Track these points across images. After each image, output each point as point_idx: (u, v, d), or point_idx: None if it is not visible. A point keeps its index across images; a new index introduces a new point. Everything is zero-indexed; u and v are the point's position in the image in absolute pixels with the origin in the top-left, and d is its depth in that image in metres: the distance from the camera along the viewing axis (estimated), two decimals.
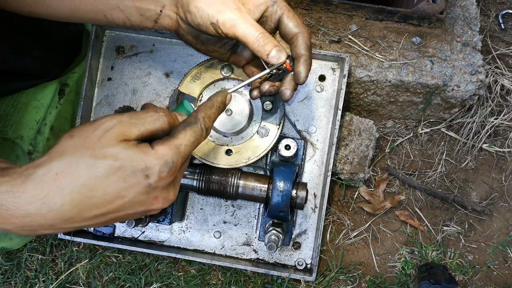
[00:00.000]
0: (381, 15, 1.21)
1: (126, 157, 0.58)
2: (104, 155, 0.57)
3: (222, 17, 0.74)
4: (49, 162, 0.57)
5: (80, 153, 0.57)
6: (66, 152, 0.57)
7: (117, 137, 0.58)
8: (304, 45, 0.79)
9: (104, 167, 0.57)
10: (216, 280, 1.23)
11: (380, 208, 1.27)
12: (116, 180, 0.57)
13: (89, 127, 0.59)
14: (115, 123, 0.59)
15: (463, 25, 1.23)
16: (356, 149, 1.22)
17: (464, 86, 1.17)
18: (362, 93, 1.23)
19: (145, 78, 1.16)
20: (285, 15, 0.78)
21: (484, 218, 1.28)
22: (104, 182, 0.57)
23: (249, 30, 0.74)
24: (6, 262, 1.23)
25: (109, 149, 0.57)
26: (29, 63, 1.07)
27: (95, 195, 0.57)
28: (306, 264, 1.14)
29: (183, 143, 0.63)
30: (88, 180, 0.56)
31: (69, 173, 0.56)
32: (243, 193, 1.01)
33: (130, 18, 0.81)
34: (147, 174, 0.59)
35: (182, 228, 1.16)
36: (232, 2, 0.75)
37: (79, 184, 0.56)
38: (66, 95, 1.18)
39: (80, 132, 0.59)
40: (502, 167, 1.32)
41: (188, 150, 0.64)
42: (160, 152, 0.60)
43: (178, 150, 0.62)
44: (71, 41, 1.19)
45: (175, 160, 0.61)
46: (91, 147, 0.57)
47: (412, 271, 1.23)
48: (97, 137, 0.58)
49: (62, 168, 0.56)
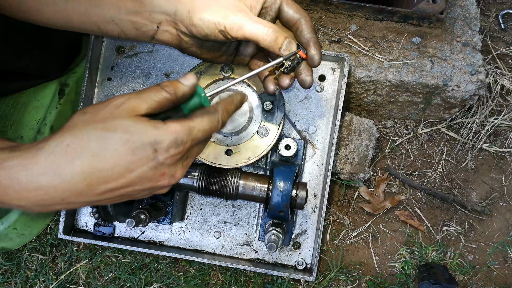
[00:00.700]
0: (381, 15, 1.21)
1: (136, 130, 0.59)
2: (115, 127, 0.59)
3: (229, 22, 0.74)
4: (60, 135, 0.58)
5: (92, 127, 0.59)
6: (77, 125, 0.60)
7: (128, 112, 0.60)
8: (309, 28, 0.79)
9: (114, 139, 0.58)
10: (216, 280, 1.23)
11: (380, 208, 1.27)
12: (125, 153, 0.58)
13: (101, 105, 0.61)
14: (125, 100, 0.61)
15: (463, 25, 1.23)
16: (356, 149, 1.22)
17: (464, 86, 1.17)
18: (362, 93, 1.23)
19: (145, 78, 1.16)
20: (284, 2, 0.79)
21: (484, 218, 1.28)
22: (113, 154, 0.58)
23: (257, 28, 0.74)
24: (6, 262, 1.23)
25: (120, 122, 0.59)
26: (29, 63, 1.07)
27: (105, 167, 0.58)
28: (306, 264, 1.14)
29: (196, 126, 0.64)
30: (99, 151, 0.58)
31: (80, 145, 0.57)
32: (243, 193, 1.01)
33: (125, 31, 0.80)
34: (155, 148, 0.59)
35: (182, 228, 1.16)
36: (233, 5, 0.75)
37: (89, 155, 0.57)
38: (66, 95, 1.18)
39: (92, 109, 0.61)
40: (502, 167, 1.32)
41: (200, 136, 0.64)
42: (171, 128, 0.61)
43: (190, 131, 0.63)
44: (71, 41, 1.19)
45: (185, 140, 0.62)
46: (102, 121, 0.59)
47: (412, 271, 1.23)
48: (109, 113, 0.60)
49: (74, 140, 0.58)
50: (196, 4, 0.74)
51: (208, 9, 0.74)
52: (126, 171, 0.59)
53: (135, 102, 0.61)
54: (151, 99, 0.62)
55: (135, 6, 0.77)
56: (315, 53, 0.80)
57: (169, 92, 0.64)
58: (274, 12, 0.80)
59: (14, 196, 0.58)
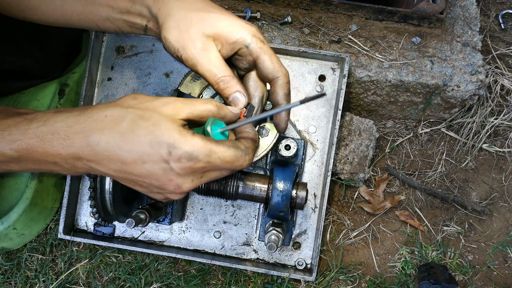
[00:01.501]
0: (381, 15, 1.21)
1: (164, 127, 0.62)
2: (148, 118, 0.63)
3: (185, 54, 0.72)
4: (106, 106, 0.64)
5: (132, 110, 0.64)
6: (122, 104, 0.65)
7: (170, 110, 0.64)
8: (282, 92, 0.76)
9: (143, 127, 0.62)
10: (216, 280, 1.23)
11: (380, 208, 1.27)
12: (145, 142, 0.62)
13: (151, 97, 0.67)
14: (172, 100, 0.66)
15: (463, 25, 1.23)
16: (356, 149, 1.22)
17: (464, 86, 1.17)
18: (362, 93, 1.23)
19: (145, 78, 1.16)
20: (260, 58, 0.74)
21: (484, 218, 1.28)
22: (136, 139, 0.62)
23: (209, 72, 0.72)
24: (6, 262, 1.23)
25: (156, 116, 0.63)
26: (29, 63, 1.07)
27: (124, 148, 0.63)
28: (306, 264, 1.14)
29: (218, 152, 0.65)
30: (126, 132, 0.62)
31: (116, 120, 0.63)
32: (243, 193, 1.01)
33: (121, 28, 0.82)
34: (170, 151, 0.62)
35: (182, 228, 1.16)
36: (198, 39, 0.72)
37: (117, 132, 0.62)
38: (66, 95, 1.18)
39: (143, 98, 0.66)
40: (502, 167, 1.32)
41: (218, 163, 0.66)
42: (193, 141, 0.63)
43: (209, 153, 0.64)
44: (71, 41, 1.19)
45: (200, 157, 0.63)
46: (143, 109, 0.64)
47: (412, 271, 1.23)
48: (153, 106, 0.65)
49: (112, 114, 0.63)
50: (168, 21, 0.73)
51: (174, 32, 0.72)
52: (139, 160, 0.63)
53: (180, 104, 0.65)
54: (195, 106, 0.66)
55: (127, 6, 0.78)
56: (280, 123, 0.79)
57: (214, 106, 0.68)
58: (248, 63, 0.76)
59: (52, 151, 0.64)
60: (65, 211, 1.11)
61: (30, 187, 1.10)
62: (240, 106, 0.75)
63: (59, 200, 1.21)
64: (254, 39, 0.73)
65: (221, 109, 0.70)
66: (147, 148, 0.62)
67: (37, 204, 1.13)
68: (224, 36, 0.73)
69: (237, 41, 0.73)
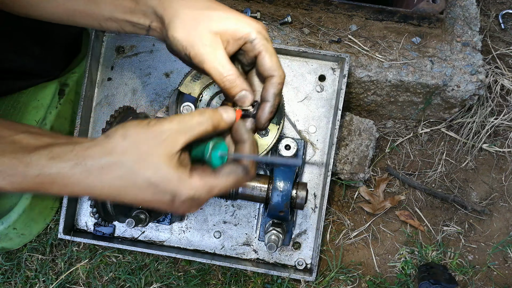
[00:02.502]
0: (381, 15, 1.21)
1: (162, 176, 0.63)
2: (146, 167, 0.63)
3: (193, 51, 0.73)
4: (99, 156, 0.64)
5: (127, 158, 0.64)
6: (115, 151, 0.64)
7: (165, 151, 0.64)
8: (272, 90, 0.76)
9: (141, 179, 0.63)
10: (216, 280, 1.23)
11: (380, 208, 1.27)
12: (146, 192, 0.64)
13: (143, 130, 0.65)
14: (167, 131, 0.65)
15: (463, 25, 1.23)
16: (356, 149, 1.22)
17: (464, 86, 1.17)
18: (362, 93, 1.23)
19: (145, 78, 1.16)
20: (261, 54, 0.75)
21: (484, 218, 1.28)
22: (136, 190, 0.64)
23: (216, 70, 0.73)
24: (6, 262, 1.23)
25: (152, 163, 0.63)
26: (29, 62, 1.07)
27: (126, 197, 0.65)
28: (306, 264, 1.14)
29: (219, 185, 0.66)
30: (125, 183, 0.64)
31: (112, 171, 0.63)
32: (243, 193, 1.01)
33: (123, 28, 0.82)
34: (173, 199, 0.65)
35: (182, 228, 1.16)
36: (205, 36, 0.73)
37: (117, 184, 0.64)
38: (66, 95, 1.18)
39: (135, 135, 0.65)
40: (502, 167, 1.32)
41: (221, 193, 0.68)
42: (192, 184, 0.64)
43: (211, 190, 0.66)
44: (71, 41, 1.19)
45: (202, 197, 0.66)
46: (139, 154, 0.64)
47: (412, 271, 1.23)
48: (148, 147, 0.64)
49: (108, 165, 0.64)
50: (175, 20, 0.74)
51: (182, 30, 0.73)
52: (145, 203, 0.66)
53: (175, 135, 0.65)
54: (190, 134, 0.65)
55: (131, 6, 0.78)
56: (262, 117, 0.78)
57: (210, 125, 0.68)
58: (250, 58, 0.77)
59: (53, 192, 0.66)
60: (65, 211, 1.11)
61: None
62: (247, 104, 0.76)
63: (59, 200, 1.21)
64: (259, 35, 0.75)
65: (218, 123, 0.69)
66: (150, 196, 0.65)
67: (37, 204, 1.13)
68: (230, 33, 0.74)
69: (242, 37, 0.74)
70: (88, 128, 1.16)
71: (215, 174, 0.67)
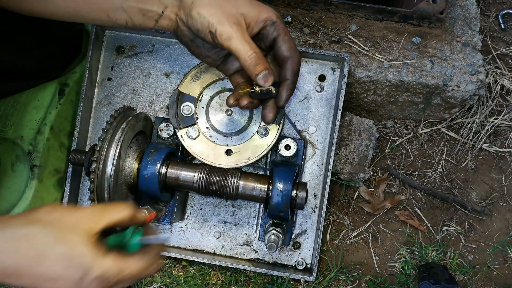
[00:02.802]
0: (381, 15, 1.21)
1: (78, 251, 0.65)
2: (65, 241, 0.65)
3: (221, 28, 0.75)
4: (20, 226, 0.65)
5: (50, 230, 0.65)
6: (40, 222, 0.66)
7: (86, 227, 0.67)
8: (291, 70, 0.80)
9: (58, 251, 0.65)
10: (216, 280, 1.23)
11: (380, 208, 1.27)
12: (58, 266, 0.65)
13: (68, 212, 0.68)
14: (90, 213, 0.69)
15: (463, 25, 1.23)
16: (356, 149, 1.22)
17: (464, 86, 1.17)
18: (362, 93, 1.23)
19: (145, 78, 1.16)
20: (280, 37, 0.79)
21: (484, 218, 1.28)
22: (47, 264, 0.64)
23: (243, 47, 0.75)
24: None
25: (72, 238, 0.65)
26: (29, 63, 1.07)
27: (36, 270, 0.64)
28: (306, 264, 1.14)
29: (128, 269, 0.69)
30: (40, 254, 0.64)
31: (30, 240, 0.64)
32: (243, 193, 1.01)
33: (132, 18, 0.82)
34: (82, 277, 0.65)
35: (182, 228, 1.16)
36: (233, 16, 0.76)
37: (31, 255, 0.64)
38: (66, 95, 1.18)
39: (61, 214, 0.68)
40: (502, 167, 1.32)
41: (127, 279, 0.69)
42: (105, 263, 0.66)
43: (119, 272, 0.68)
44: (71, 41, 1.19)
45: (110, 278, 0.67)
46: (61, 227, 0.66)
47: (412, 271, 1.23)
48: (71, 222, 0.67)
49: (28, 234, 0.65)
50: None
51: (209, 8, 0.76)
52: (51, 280, 0.65)
53: (98, 216, 0.68)
54: (110, 219, 0.69)
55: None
56: (283, 94, 0.81)
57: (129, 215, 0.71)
58: (269, 41, 0.81)
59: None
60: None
61: (30, 187, 1.10)
62: (269, 83, 0.78)
63: (59, 200, 1.21)
64: (278, 19, 0.80)
65: (137, 216, 0.73)
66: (60, 271, 0.65)
67: (37, 204, 1.13)
68: (253, 15, 0.78)
69: (264, 19, 0.78)
70: (88, 128, 1.16)
71: (127, 258, 0.70)
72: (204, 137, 1.03)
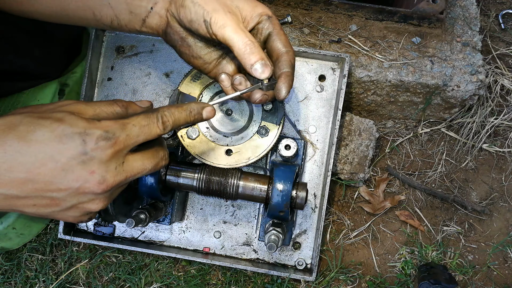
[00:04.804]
0: (381, 15, 1.21)
1: (68, 120, 0.57)
2: (49, 116, 0.57)
3: (216, 15, 0.73)
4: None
5: (27, 114, 0.57)
6: (14, 112, 0.58)
7: (70, 110, 0.59)
8: (288, 62, 0.78)
9: (44, 125, 0.55)
10: (216, 280, 1.23)
11: (380, 208, 1.27)
12: (53, 139, 0.55)
13: (46, 104, 0.61)
14: (73, 102, 0.61)
15: (463, 25, 1.23)
16: (356, 149, 1.22)
17: (464, 86, 1.17)
18: (362, 93, 1.23)
19: (145, 78, 1.16)
20: (275, 31, 0.79)
21: (484, 218, 1.28)
22: (40, 139, 0.55)
23: (239, 35, 0.73)
24: (6, 262, 1.23)
25: (57, 114, 0.57)
26: (29, 63, 1.07)
27: (28, 151, 0.54)
28: (306, 264, 1.14)
29: (131, 122, 0.62)
30: (25, 135, 0.55)
31: (9, 126, 0.55)
32: (243, 193, 1.01)
33: (119, 16, 0.80)
34: (84, 139, 0.56)
35: (182, 228, 1.16)
36: (227, 6, 0.75)
37: (15, 137, 0.54)
38: (66, 95, 1.18)
39: (36, 105, 0.60)
40: (502, 167, 1.32)
41: (135, 131, 0.62)
42: (104, 123, 0.59)
43: (124, 126, 0.61)
44: (71, 41, 1.19)
45: (117, 134, 0.59)
46: (40, 111, 0.58)
47: (412, 271, 1.23)
48: (51, 108, 0.59)
49: (3, 122, 0.56)
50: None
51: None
52: (50, 160, 0.55)
53: (82, 106, 0.61)
54: (100, 109, 0.62)
55: None
56: (283, 87, 0.78)
57: (121, 107, 0.65)
58: (263, 36, 0.79)
59: None
60: None
61: None
62: (266, 74, 0.75)
63: None
64: (273, 15, 0.80)
65: (129, 108, 0.67)
66: (56, 144, 0.55)
67: None
68: (249, 9, 0.78)
69: (260, 14, 0.78)
70: None
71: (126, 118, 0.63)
72: (204, 137, 1.03)
